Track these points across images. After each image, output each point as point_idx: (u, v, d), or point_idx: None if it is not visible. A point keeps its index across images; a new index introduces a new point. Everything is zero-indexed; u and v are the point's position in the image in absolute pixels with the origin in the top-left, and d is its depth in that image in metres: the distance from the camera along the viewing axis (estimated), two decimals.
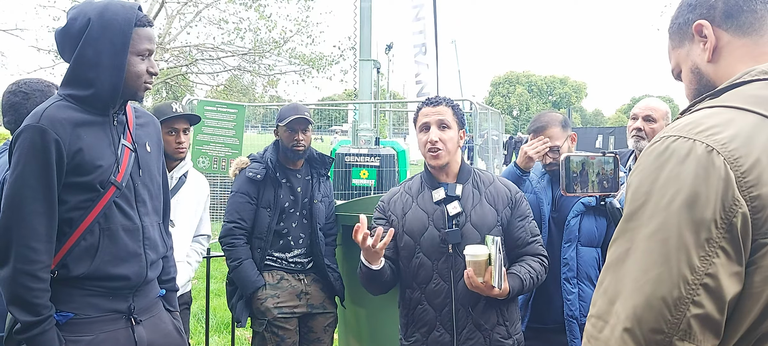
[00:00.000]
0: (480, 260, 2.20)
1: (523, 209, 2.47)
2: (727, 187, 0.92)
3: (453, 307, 2.36)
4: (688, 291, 0.92)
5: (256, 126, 17.97)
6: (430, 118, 2.42)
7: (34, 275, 1.76)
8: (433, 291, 2.38)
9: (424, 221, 2.40)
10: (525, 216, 2.47)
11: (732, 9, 1.12)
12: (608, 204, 1.92)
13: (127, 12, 1.89)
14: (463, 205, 2.38)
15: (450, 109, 2.44)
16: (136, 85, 1.94)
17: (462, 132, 2.47)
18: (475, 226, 2.37)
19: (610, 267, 1.00)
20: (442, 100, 2.46)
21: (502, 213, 2.43)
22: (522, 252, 2.45)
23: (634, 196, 1.00)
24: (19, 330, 1.77)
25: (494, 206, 2.43)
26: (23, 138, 1.80)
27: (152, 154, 2.09)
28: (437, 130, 2.39)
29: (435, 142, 2.38)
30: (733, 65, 1.11)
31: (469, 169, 2.50)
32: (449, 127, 2.41)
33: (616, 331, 0.95)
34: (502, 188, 2.48)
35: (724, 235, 0.92)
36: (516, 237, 2.44)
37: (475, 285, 2.21)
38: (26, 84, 2.49)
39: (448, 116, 2.41)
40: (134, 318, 1.97)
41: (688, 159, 0.95)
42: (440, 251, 2.37)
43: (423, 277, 2.40)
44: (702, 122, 0.99)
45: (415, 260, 2.41)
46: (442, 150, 2.39)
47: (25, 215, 1.77)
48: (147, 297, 2.04)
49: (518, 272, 2.36)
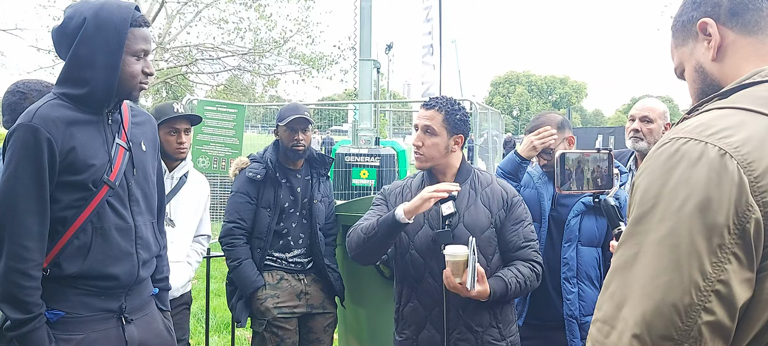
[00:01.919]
0: (458, 261, 2.19)
1: (519, 213, 2.44)
2: (740, 192, 0.90)
3: (444, 307, 2.35)
4: (700, 298, 0.90)
5: (256, 126, 17.97)
6: (419, 120, 2.44)
7: (26, 273, 1.76)
8: (423, 290, 2.38)
9: (418, 218, 2.38)
10: (520, 220, 2.43)
11: (737, 7, 1.10)
12: (603, 201, 1.92)
13: (122, 12, 1.88)
14: (457, 205, 2.36)
15: (442, 114, 2.40)
16: (131, 85, 1.93)
17: (458, 137, 2.42)
18: (467, 227, 2.36)
19: (618, 271, 0.98)
20: (437, 103, 2.43)
21: (496, 215, 2.41)
22: (513, 256, 2.42)
23: (642, 199, 0.97)
24: (9, 327, 1.78)
25: (489, 207, 2.41)
26: (16, 137, 1.80)
27: (147, 153, 2.09)
28: (421, 135, 2.41)
29: (418, 147, 2.41)
30: (739, 64, 1.09)
31: (469, 169, 2.49)
32: (435, 134, 2.39)
33: (625, 337, 0.93)
34: (499, 190, 2.46)
35: (736, 241, 0.90)
36: (508, 240, 2.42)
37: (452, 285, 2.20)
38: (24, 84, 2.49)
39: (435, 122, 2.39)
40: (125, 317, 1.97)
41: (699, 162, 0.93)
42: (432, 250, 2.36)
43: (414, 275, 2.40)
44: (713, 124, 0.97)
45: (408, 257, 2.41)
46: (423, 154, 2.40)
47: (17, 214, 1.77)
48: (140, 296, 2.04)
49: (504, 276, 2.33)
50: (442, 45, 14.10)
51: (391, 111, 19.30)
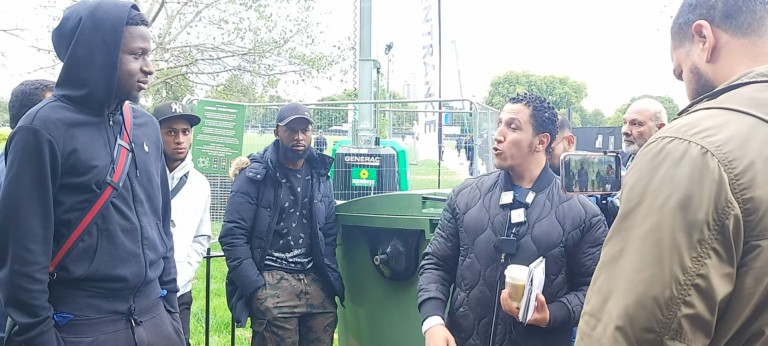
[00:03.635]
0: (518, 285, 2.03)
1: (597, 236, 2.20)
2: (720, 189, 0.93)
3: (493, 320, 2.19)
4: (680, 291, 0.92)
5: (256, 126, 17.99)
6: (504, 115, 2.27)
7: (32, 277, 1.75)
8: (475, 297, 2.23)
9: (483, 221, 2.25)
10: (597, 244, 2.19)
11: (731, 9, 1.12)
12: (610, 203, 1.92)
13: (119, 10, 1.87)
14: (528, 214, 2.20)
15: (529, 109, 2.24)
16: (130, 83, 1.91)
17: (544, 136, 2.24)
18: (535, 240, 2.17)
19: (604, 266, 1.01)
20: (524, 98, 2.28)
21: (570, 234, 2.18)
22: (583, 281, 2.20)
23: (628, 196, 1.01)
24: (18, 332, 1.76)
25: (562, 223, 2.19)
26: (17, 139, 1.79)
27: (150, 154, 2.07)
28: (504, 129, 2.24)
29: (500, 142, 2.24)
30: (732, 66, 1.11)
31: (551, 178, 2.29)
32: (520, 129, 2.22)
33: (609, 329, 0.96)
34: (578, 207, 2.22)
35: (716, 236, 0.92)
36: (581, 264, 2.20)
37: (508, 308, 2.06)
38: (31, 84, 2.49)
39: (521, 116, 2.22)
40: (134, 319, 1.96)
41: (682, 161, 0.96)
42: (492, 258, 2.20)
43: (469, 280, 2.26)
44: (697, 124, 0.99)
45: (467, 260, 2.28)
46: (504, 150, 2.23)
47: (21, 217, 1.76)
48: (148, 298, 2.03)
49: (569, 303, 2.16)
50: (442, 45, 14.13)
51: (391, 111, 19.31)
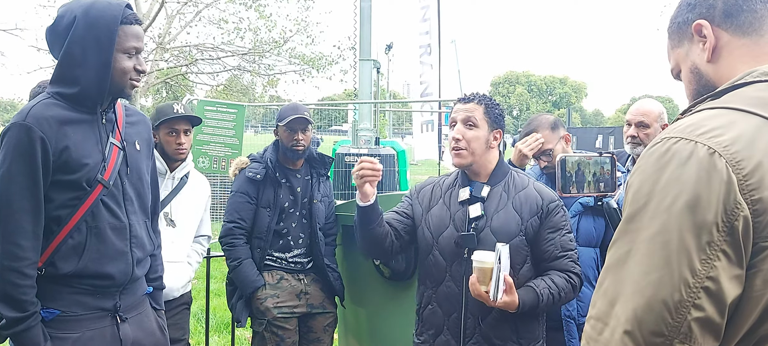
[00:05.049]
0: (486, 268, 2.06)
1: (556, 221, 2.26)
2: (729, 190, 0.91)
3: (462, 314, 2.24)
4: (689, 294, 0.91)
5: (256, 126, 17.98)
6: (458, 114, 2.32)
7: (21, 272, 1.77)
8: (443, 293, 2.28)
9: (445, 219, 2.31)
10: (557, 228, 2.26)
11: (731, 9, 1.11)
12: (605, 204, 1.92)
13: (113, 9, 1.88)
14: (486, 208, 2.26)
15: (482, 106, 2.30)
16: (122, 82, 1.92)
17: (497, 132, 2.32)
18: (494, 232, 2.22)
19: (611, 269, 0.99)
20: (475, 97, 2.33)
21: (528, 222, 2.24)
22: (549, 267, 2.26)
23: (634, 197, 0.99)
24: (5, 326, 1.78)
25: (519, 213, 2.25)
26: (9, 136, 1.80)
27: (142, 152, 2.09)
28: (461, 128, 2.29)
29: (458, 140, 2.29)
30: (733, 65, 1.10)
31: (506, 170, 2.35)
32: (476, 126, 2.28)
33: (617, 333, 0.94)
34: (534, 195, 2.28)
35: (725, 238, 0.91)
36: (543, 250, 2.25)
37: (477, 293, 2.09)
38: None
39: (476, 114, 2.28)
40: (120, 316, 1.98)
41: (689, 161, 0.94)
42: (456, 253, 2.25)
43: (436, 277, 2.30)
44: (704, 124, 0.98)
45: (431, 258, 2.32)
46: (464, 149, 2.28)
47: (11, 212, 1.78)
48: (134, 295, 2.05)
49: (536, 286, 2.19)
50: (441, 45, 14.11)
51: (391, 111, 19.31)
